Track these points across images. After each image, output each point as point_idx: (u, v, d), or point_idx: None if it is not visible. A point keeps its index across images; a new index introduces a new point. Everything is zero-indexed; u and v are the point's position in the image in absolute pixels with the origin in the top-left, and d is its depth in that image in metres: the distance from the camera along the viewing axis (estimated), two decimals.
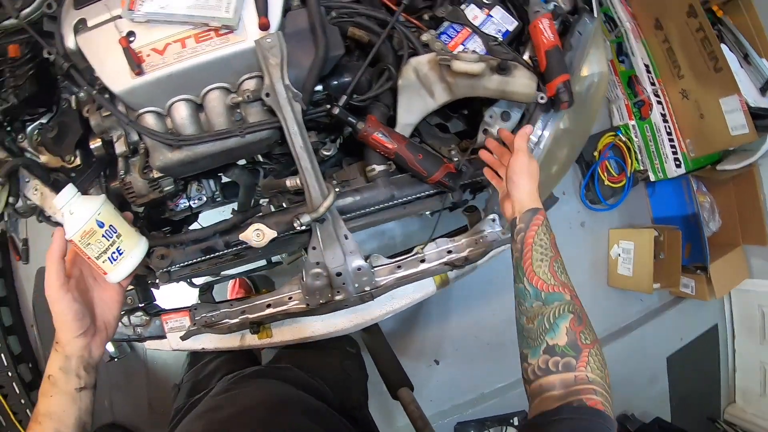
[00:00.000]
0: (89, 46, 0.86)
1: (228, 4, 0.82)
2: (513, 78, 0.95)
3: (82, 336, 0.71)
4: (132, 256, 0.76)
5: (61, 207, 0.71)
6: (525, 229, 0.79)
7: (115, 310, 0.78)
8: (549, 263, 0.75)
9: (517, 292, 0.77)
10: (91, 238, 0.71)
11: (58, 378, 0.70)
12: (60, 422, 0.68)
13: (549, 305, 0.70)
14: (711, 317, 2.25)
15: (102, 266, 0.73)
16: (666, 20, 1.90)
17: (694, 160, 1.98)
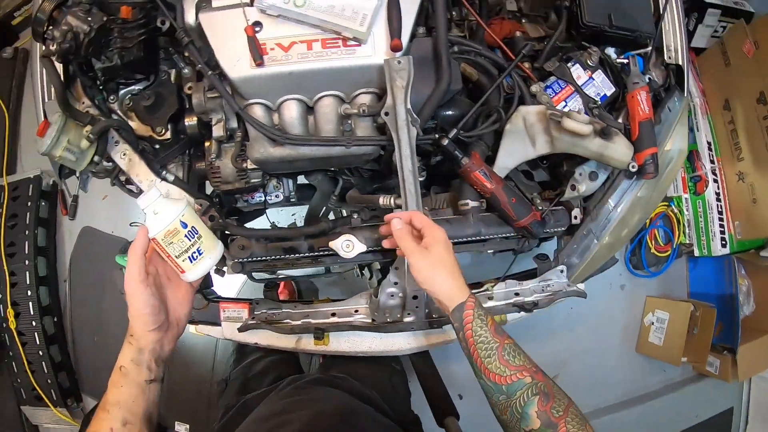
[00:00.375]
0: (212, 26, 0.89)
1: (363, 18, 0.85)
2: (613, 144, 0.99)
3: (156, 330, 0.73)
4: (210, 257, 0.79)
5: (146, 207, 0.74)
6: (461, 329, 0.77)
7: (186, 308, 0.80)
8: (497, 355, 0.73)
9: (481, 386, 0.77)
10: (174, 237, 0.74)
11: (129, 369, 0.71)
12: (128, 412, 0.70)
13: (513, 396, 0.71)
14: (728, 400, 2.24)
15: (181, 264, 0.76)
16: (735, 102, 1.93)
17: (739, 242, 1.99)
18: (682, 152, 1.19)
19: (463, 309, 0.77)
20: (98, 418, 0.70)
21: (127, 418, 0.70)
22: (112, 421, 0.69)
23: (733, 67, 1.91)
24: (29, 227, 2.09)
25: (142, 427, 0.71)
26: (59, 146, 0.97)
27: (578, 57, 1.08)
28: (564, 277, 1.18)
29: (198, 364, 2.02)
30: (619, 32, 1.07)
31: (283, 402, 0.91)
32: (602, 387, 2.15)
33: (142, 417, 0.71)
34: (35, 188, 2.14)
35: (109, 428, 0.68)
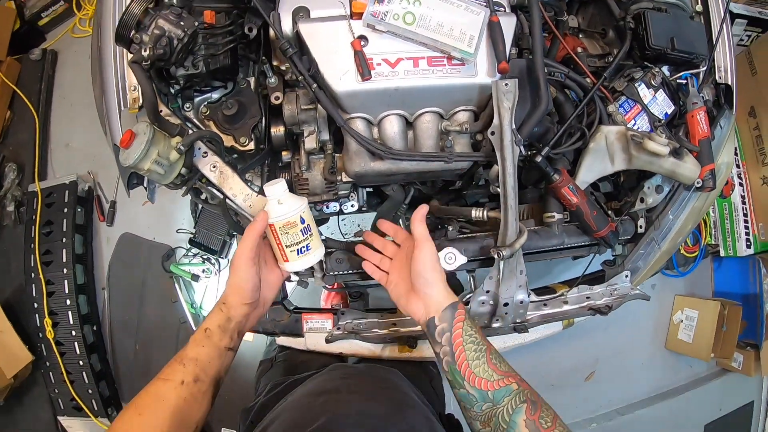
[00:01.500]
0: (314, 38, 0.89)
1: (470, 39, 0.89)
2: (684, 162, 1.05)
3: (249, 305, 0.79)
4: (314, 255, 0.85)
5: (273, 195, 0.80)
6: (449, 329, 0.76)
7: (274, 292, 0.87)
8: (486, 358, 0.72)
9: (460, 398, 0.74)
10: (291, 229, 0.80)
11: (214, 332, 0.76)
12: (202, 370, 0.74)
13: (499, 404, 0.69)
14: (749, 393, 2.34)
15: (288, 254, 0.82)
16: (761, 110, 2.02)
17: (763, 242, 2.08)
18: (729, 165, 1.27)
19: (456, 308, 0.78)
20: (172, 368, 0.73)
21: (199, 376, 0.73)
22: (186, 374, 0.72)
23: (759, 75, 1.99)
24: (66, 234, 2.09)
25: (210, 387, 0.75)
26: (148, 159, 0.91)
27: (643, 77, 1.13)
28: (628, 282, 1.24)
29: (244, 368, 2.04)
30: (679, 55, 1.12)
31: (336, 382, 0.91)
32: (633, 383, 2.24)
33: (212, 378, 0.75)
34: (71, 194, 2.13)
35: (181, 380, 0.72)
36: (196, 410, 0.73)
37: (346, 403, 0.81)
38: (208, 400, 0.75)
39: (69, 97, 2.31)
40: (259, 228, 0.78)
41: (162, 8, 0.92)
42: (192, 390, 0.72)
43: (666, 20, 1.11)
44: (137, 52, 0.91)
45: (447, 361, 0.76)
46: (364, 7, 0.88)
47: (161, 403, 0.70)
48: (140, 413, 0.69)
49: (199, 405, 0.73)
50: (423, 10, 0.88)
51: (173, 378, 0.72)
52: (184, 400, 0.71)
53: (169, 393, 0.71)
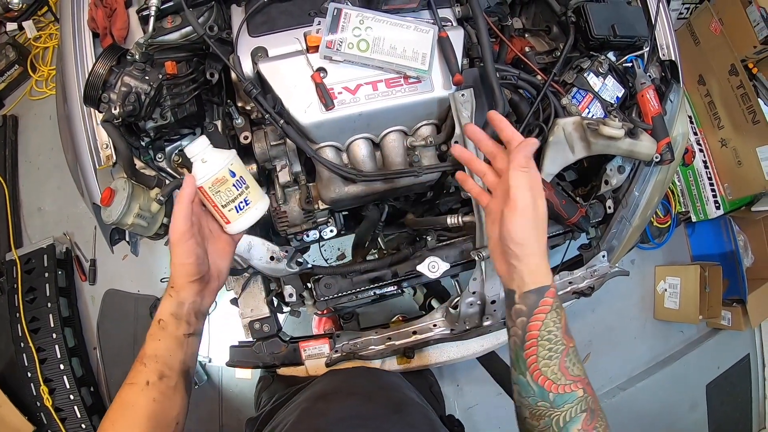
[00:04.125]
0: (275, 76, 0.92)
1: (423, 57, 0.93)
2: (640, 141, 1.10)
3: (198, 281, 0.71)
4: (257, 208, 0.77)
5: (195, 155, 0.73)
6: (527, 315, 0.65)
7: (227, 260, 0.78)
8: (559, 359, 0.63)
9: (517, 381, 0.67)
10: (222, 186, 0.73)
11: (168, 322, 0.70)
12: (165, 365, 0.69)
13: (558, 408, 0.63)
14: (744, 347, 2.42)
15: (227, 215, 0.74)
16: (709, 77, 2.12)
17: (731, 202, 2.17)
18: (685, 135, 1.33)
19: (543, 295, 0.65)
20: (135, 370, 0.68)
21: (163, 372, 0.68)
22: (149, 374, 0.68)
23: (702, 45, 2.09)
24: (50, 299, 2.06)
25: (179, 380, 0.71)
26: (131, 213, 0.93)
27: (591, 67, 1.19)
28: (606, 261, 1.28)
29: (249, 407, 2.03)
30: (622, 40, 1.18)
31: (336, 385, 0.90)
32: (630, 357, 2.30)
33: (179, 371, 0.71)
34: (50, 258, 2.12)
35: (146, 381, 0.67)
36: (170, 407, 0.69)
37: (345, 406, 0.80)
38: (181, 394, 0.71)
39: (35, 161, 2.30)
40: (187, 194, 0.69)
41: (125, 65, 0.95)
42: (160, 388, 0.68)
43: (605, 9, 1.17)
44: (107, 111, 0.93)
45: (514, 342, 0.67)
46: (319, 41, 0.92)
47: (131, 409, 0.66)
48: (113, 424, 0.66)
49: (172, 401, 0.69)
50: (375, 35, 0.92)
51: (137, 380, 0.67)
52: (155, 401, 0.67)
53: (137, 397, 0.67)
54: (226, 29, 1.03)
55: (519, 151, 0.68)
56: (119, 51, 0.97)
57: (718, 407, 2.34)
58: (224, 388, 2.05)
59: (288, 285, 1.10)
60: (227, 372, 2.04)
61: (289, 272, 1.04)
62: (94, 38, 1.08)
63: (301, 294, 1.14)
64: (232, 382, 2.05)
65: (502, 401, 2.06)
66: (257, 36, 0.98)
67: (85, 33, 1.08)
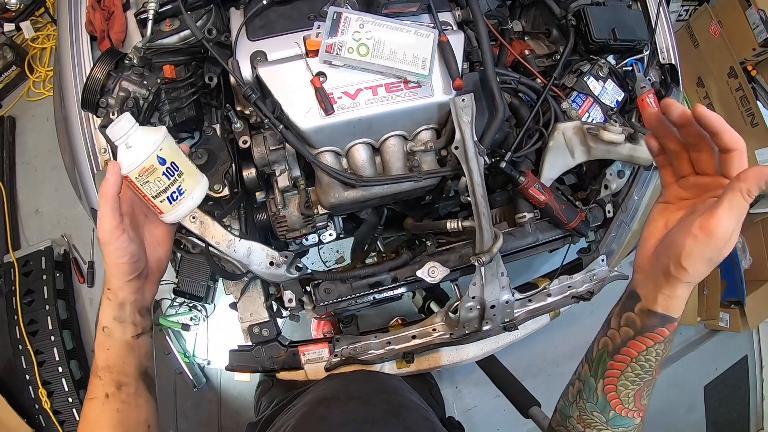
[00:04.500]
0: (274, 80, 0.91)
1: (424, 62, 0.92)
2: (640, 146, 1.10)
3: (136, 279, 0.67)
4: (193, 197, 0.72)
5: (117, 139, 0.65)
6: (637, 332, 0.61)
7: (166, 247, 0.75)
8: (640, 388, 0.63)
9: (585, 380, 0.66)
10: (151, 175, 0.65)
11: (113, 329, 0.67)
12: (120, 373, 0.67)
13: (613, 427, 0.64)
14: (742, 348, 2.43)
15: (159, 206, 0.68)
16: (708, 79, 2.12)
17: None
18: None
19: (665, 324, 0.60)
20: (92, 384, 0.67)
21: (120, 381, 0.66)
22: (106, 386, 0.66)
23: (701, 47, 2.09)
24: (49, 301, 2.06)
25: (139, 384, 0.69)
26: None
27: (591, 70, 1.19)
28: (605, 265, 1.28)
29: (247, 410, 2.03)
30: (622, 44, 1.18)
31: (335, 389, 0.90)
32: None
33: (135, 375, 0.68)
34: (48, 260, 2.11)
35: (105, 394, 0.65)
36: (136, 413, 0.68)
37: (345, 410, 0.79)
38: (144, 398, 0.69)
39: (32, 163, 2.29)
40: (111, 187, 0.63)
41: (123, 70, 0.94)
42: (121, 398, 0.66)
43: (605, 13, 1.17)
44: (105, 116, 0.93)
45: (605, 343, 0.64)
46: (318, 45, 0.91)
47: (96, 424, 0.65)
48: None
49: (136, 407, 0.68)
50: (375, 39, 0.91)
51: (96, 394, 0.66)
52: (118, 411, 0.66)
53: (99, 411, 0.65)
54: (224, 33, 1.02)
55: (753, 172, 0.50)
56: (117, 55, 0.97)
57: (716, 408, 2.35)
58: (223, 391, 2.04)
59: (287, 290, 1.10)
60: (226, 375, 2.04)
61: (288, 277, 1.04)
62: (91, 41, 1.07)
63: (301, 299, 1.14)
64: (230, 385, 2.04)
65: (501, 403, 2.05)
66: (256, 40, 0.97)
67: (83, 36, 1.07)
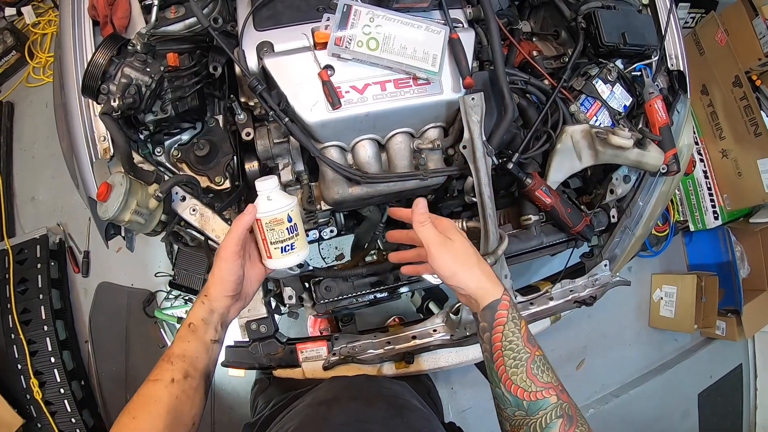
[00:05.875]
0: (281, 72, 0.90)
1: (434, 59, 0.91)
2: (648, 152, 1.09)
3: (231, 297, 0.77)
4: (298, 255, 0.82)
5: (262, 191, 0.79)
6: (489, 330, 0.70)
7: (256, 285, 0.85)
8: (525, 367, 0.67)
9: (495, 394, 0.71)
10: (277, 226, 0.78)
11: (198, 326, 0.75)
12: (191, 366, 0.72)
13: (533, 415, 0.66)
14: (736, 357, 2.44)
15: (272, 252, 0.80)
16: (712, 87, 2.11)
17: (729, 212, 2.18)
18: (690, 146, 1.32)
19: (496, 309, 0.70)
20: (161, 368, 0.71)
21: (189, 372, 0.72)
22: (175, 372, 0.71)
23: (707, 55, 2.09)
24: (42, 290, 2.02)
25: (201, 382, 0.74)
26: (128, 210, 0.90)
27: (599, 74, 1.18)
28: (608, 270, 1.28)
29: (241, 406, 2.02)
30: (632, 48, 1.17)
31: (337, 392, 0.91)
32: (623, 364, 2.30)
33: (202, 373, 0.74)
34: (43, 249, 2.07)
35: (171, 378, 0.70)
36: (189, 407, 0.72)
37: (346, 411, 0.81)
38: (200, 396, 0.74)
39: (30, 149, 2.25)
40: (247, 221, 0.76)
41: (126, 56, 0.92)
42: (183, 387, 0.71)
43: (616, 16, 1.16)
44: (106, 102, 0.91)
45: (486, 357, 0.72)
46: (327, 37, 0.89)
47: (154, 404, 0.69)
48: (134, 417, 0.68)
49: (192, 401, 0.72)
50: (385, 34, 0.89)
51: (163, 377, 0.70)
52: (177, 398, 0.70)
53: (161, 392, 0.69)
54: (230, 22, 1.00)
55: (414, 214, 0.77)
56: (120, 41, 0.94)
57: (709, 416, 2.35)
58: (217, 386, 2.02)
59: (287, 287, 1.08)
60: (220, 370, 1.97)
61: (289, 274, 1.02)
62: (94, 26, 1.05)
63: (301, 296, 1.12)
64: (224, 380, 2.02)
65: None
66: (263, 30, 0.95)
67: (85, 21, 1.05)
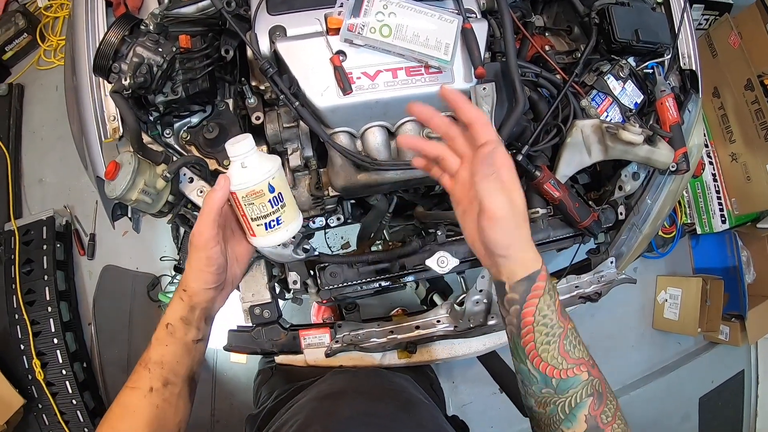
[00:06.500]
0: (293, 56, 0.89)
1: (446, 47, 0.90)
2: (658, 149, 1.09)
3: (213, 289, 0.69)
4: (287, 230, 0.72)
5: (235, 156, 0.68)
6: (521, 303, 0.62)
7: (243, 266, 0.77)
8: (558, 344, 0.61)
9: (519, 370, 0.65)
10: (257, 199, 0.67)
11: (177, 328, 0.67)
12: (171, 372, 0.67)
13: (563, 394, 0.61)
14: (739, 363, 2.43)
15: (255, 229, 0.70)
16: (724, 90, 2.10)
17: (737, 217, 2.16)
18: (700, 146, 1.32)
19: (535, 280, 0.61)
20: (138, 374, 0.66)
21: (169, 379, 0.66)
22: (153, 380, 0.66)
23: (720, 57, 2.07)
24: (48, 272, 2.04)
25: (184, 387, 0.69)
26: (135, 189, 0.89)
27: (611, 70, 1.17)
28: (614, 267, 1.27)
29: (242, 392, 2.03)
30: (644, 46, 1.16)
31: (342, 385, 0.88)
32: (625, 365, 2.30)
33: (184, 377, 0.69)
34: (49, 230, 2.09)
35: (149, 387, 0.65)
36: (172, 414, 0.67)
37: (352, 405, 0.78)
38: (184, 402, 0.70)
39: (39, 132, 2.27)
40: (218, 198, 0.65)
41: (139, 36, 0.92)
42: (164, 395, 0.66)
43: (629, 13, 1.15)
44: (117, 81, 0.90)
45: (510, 331, 0.65)
46: (340, 23, 0.89)
47: (133, 415, 0.64)
48: (113, 428, 0.64)
49: (175, 408, 0.68)
50: (398, 21, 0.89)
51: (140, 385, 0.65)
52: (157, 408, 0.65)
53: (139, 402, 0.65)
54: (243, 6, 0.99)
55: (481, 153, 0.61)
56: (133, 20, 0.94)
57: (709, 421, 2.35)
58: (218, 372, 2.03)
59: (292, 272, 1.08)
60: (222, 355, 2.03)
61: (295, 258, 1.02)
62: (107, 8, 1.05)
63: (306, 281, 1.12)
64: (225, 365, 2.03)
65: (497, 401, 2.06)
66: (276, 14, 0.94)
67: (98, 1, 1.05)
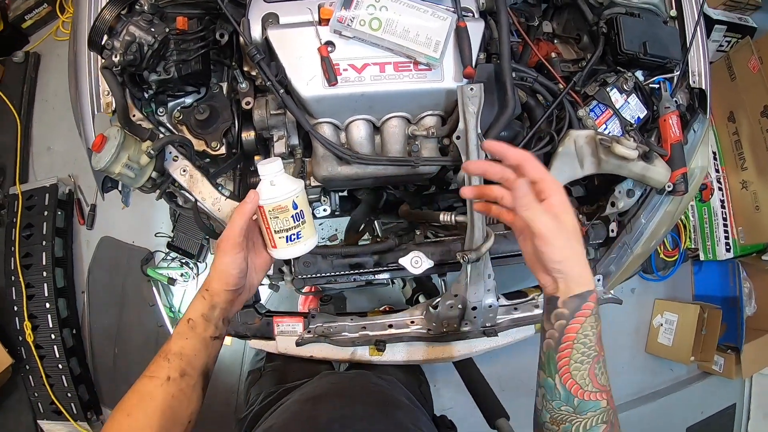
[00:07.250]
0: (282, 44, 0.90)
1: (436, 44, 0.90)
2: (654, 166, 1.06)
3: (233, 291, 0.75)
4: (305, 244, 0.79)
5: (265, 175, 0.76)
6: (568, 318, 0.66)
7: (261, 276, 0.83)
8: (590, 366, 0.65)
9: (544, 384, 0.68)
10: (282, 214, 0.75)
11: (198, 323, 0.72)
12: (189, 364, 0.71)
13: (581, 414, 0.64)
14: (731, 396, 2.36)
15: (276, 241, 0.77)
16: (739, 115, 2.04)
17: (742, 246, 2.10)
18: (703, 169, 1.28)
19: (586, 299, 0.66)
20: (157, 364, 0.70)
21: (186, 370, 0.70)
22: (171, 371, 0.69)
23: (738, 81, 2.01)
24: (46, 237, 2.07)
25: (198, 380, 0.72)
26: (118, 162, 0.93)
27: (615, 82, 1.14)
28: (600, 285, 1.24)
29: (225, 374, 2.04)
30: (652, 59, 1.13)
31: (324, 388, 0.91)
32: (614, 387, 2.20)
33: (200, 371, 0.72)
34: (52, 197, 2.12)
35: (167, 377, 0.69)
36: (186, 405, 0.71)
37: (332, 408, 0.81)
38: (198, 394, 0.73)
39: (51, 101, 2.31)
40: (248, 210, 0.73)
41: (134, 15, 0.94)
42: (180, 385, 0.69)
43: (639, 25, 1.12)
44: (108, 57, 0.93)
45: (548, 344, 0.68)
46: (332, 14, 0.88)
47: (149, 401, 0.68)
48: (129, 414, 0.67)
49: (188, 400, 0.71)
50: (389, 15, 0.88)
51: (159, 375, 0.69)
52: (173, 397, 0.69)
53: (156, 390, 0.68)
54: None
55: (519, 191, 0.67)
56: None
57: None
58: None
59: None
60: None
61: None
62: None
63: (281, 268, 1.12)
64: None
65: (476, 410, 2.03)
66: (271, 2, 0.95)
67: None
